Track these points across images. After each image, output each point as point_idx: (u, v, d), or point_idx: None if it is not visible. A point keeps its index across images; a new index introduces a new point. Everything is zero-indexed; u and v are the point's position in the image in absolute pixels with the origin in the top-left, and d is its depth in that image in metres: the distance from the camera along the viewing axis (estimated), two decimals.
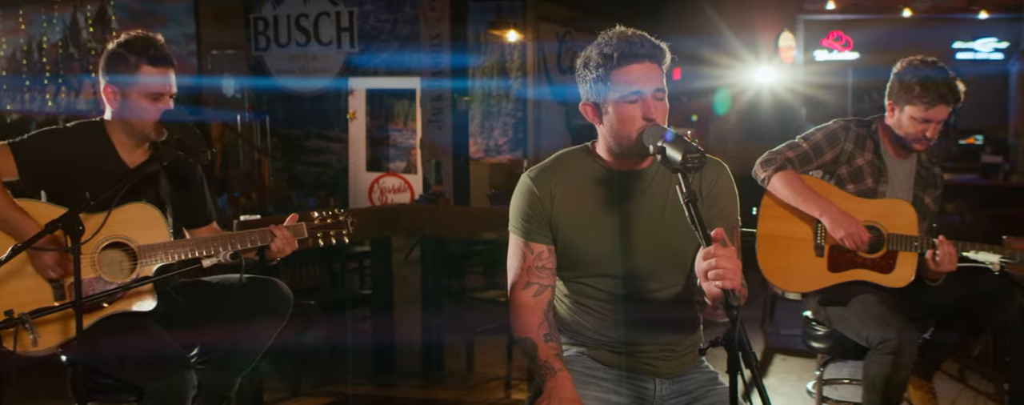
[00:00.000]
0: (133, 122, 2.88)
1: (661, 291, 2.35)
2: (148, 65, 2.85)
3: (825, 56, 11.42)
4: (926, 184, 3.50)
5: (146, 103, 2.85)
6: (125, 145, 2.94)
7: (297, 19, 11.07)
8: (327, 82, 10.86)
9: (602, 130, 2.33)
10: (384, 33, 10.80)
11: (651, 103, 2.21)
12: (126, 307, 2.78)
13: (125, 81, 2.84)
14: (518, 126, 10.73)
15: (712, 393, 2.34)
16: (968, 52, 10.94)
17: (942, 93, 3.31)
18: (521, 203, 2.37)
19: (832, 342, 3.44)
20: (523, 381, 5.21)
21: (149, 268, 2.80)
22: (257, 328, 2.93)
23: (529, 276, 2.35)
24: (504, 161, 10.68)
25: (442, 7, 8.65)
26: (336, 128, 10.87)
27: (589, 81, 2.28)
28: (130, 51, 2.85)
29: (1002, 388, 4.15)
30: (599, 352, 2.38)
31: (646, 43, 2.23)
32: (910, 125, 3.35)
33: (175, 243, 2.86)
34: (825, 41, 11.43)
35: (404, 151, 10.78)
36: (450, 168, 8.60)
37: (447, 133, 8.60)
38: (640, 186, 2.34)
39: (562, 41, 11.16)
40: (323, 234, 3.05)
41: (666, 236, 2.32)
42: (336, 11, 10.90)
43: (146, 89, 2.85)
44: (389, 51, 10.79)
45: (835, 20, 11.30)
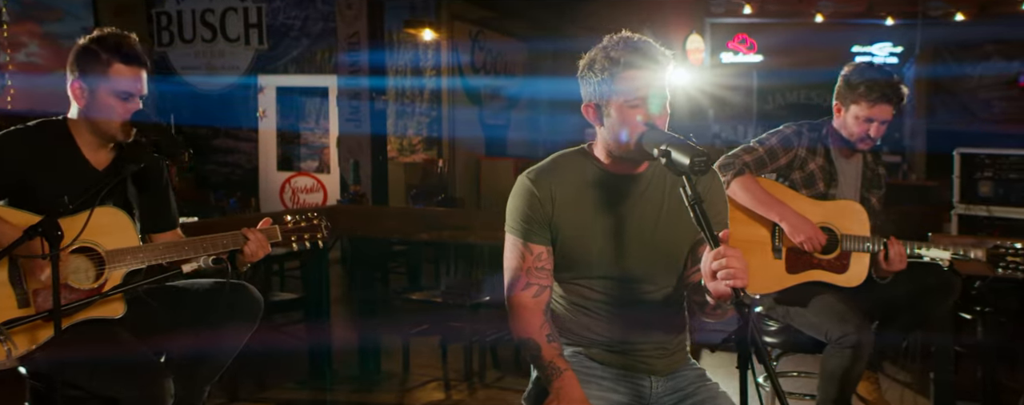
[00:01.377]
0: (100, 121, 2.75)
1: (655, 292, 2.39)
2: (120, 63, 2.73)
3: (731, 58, 11.73)
4: (871, 184, 3.62)
5: (115, 102, 2.73)
6: (90, 145, 2.80)
7: (202, 14, 10.77)
8: (235, 79, 10.61)
9: (602, 132, 2.34)
10: (295, 30, 10.60)
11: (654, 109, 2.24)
12: (94, 314, 2.66)
13: (95, 79, 2.72)
14: (433, 125, 10.69)
15: (703, 389, 2.39)
16: (866, 56, 11.40)
17: (885, 92, 3.41)
18: (520, 204, 2.36)
19: (785, 337, 3.53)
20: (461, 381, 5.20)
21: (117, 273, 2.68)
22: (228, 334, 2.83)
23: (529, 277, 2.35)
24: (419, 160, 10.62)
25: (359, 5, 8.54)
26: (245, 127, 10.63)
27: (593, 83, 2.30)
28: (102, 48, 2.73)
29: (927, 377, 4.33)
30: (596, 351, 2.39)
31: (651, 49, 2.25)
32: (854, 124, 3.46)
33: (144, 248, 2.74)
34: (731, 43, 11.74)
35: (316, 150, 10.61)
36: (369, 168, 8.48)
37: (365, 132, 8.48)
38: (637, 189, 2.36)
39: (476, 40, 11.16)
40: (297, 238, 2.97)
41: (661, 239, 2.36)
42: (244, 7, 10.65)
43: (116, 88, 2.73)
44: (300, 48, 10.61)
45: (740, 23, 11.60)
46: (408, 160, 10.55)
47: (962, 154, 5.01)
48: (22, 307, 2.58)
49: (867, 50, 11.39)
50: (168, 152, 2.58)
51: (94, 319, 2.65)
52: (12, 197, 2.68)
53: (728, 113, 11.81)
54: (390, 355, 5.41)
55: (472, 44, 11.12)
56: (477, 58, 11.22)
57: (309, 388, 5.02)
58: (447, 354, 5.72)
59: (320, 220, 3.01)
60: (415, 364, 5.41)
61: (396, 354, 5.37)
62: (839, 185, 3.54)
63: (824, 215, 3.44)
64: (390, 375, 5.28)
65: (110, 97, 2.72)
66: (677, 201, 2.37)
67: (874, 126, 3.43)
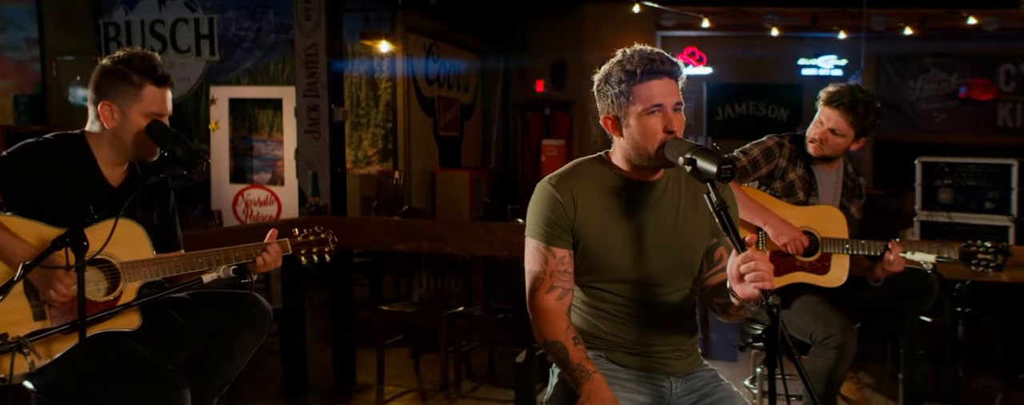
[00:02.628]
0: (130, 142, 2.73)
1: (672, 295, 2.45)
2: (152, 85, 2.72)
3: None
4: (851, 194, 3.74)
5: (145, 123, 2.70)
6: (108, 162, 2.77)
7: (152, 25, 10.63)
8: (186, 91, 10.49)
9: (621, 142, 2.40)
10: (247, 41, 10.52)
11: (671, 116, 2.31)
12: (109, 327, 2.62)
13: (126, 101, 2.69)
14: (388, 137, 10.67)
15: (718, 389, 2.46)
16: (812, 68, 11.68)
17: (838, 98, 3.52)
18: (543, 208, 2.41)
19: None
20: (437, 392, 5.20)
21: (132, 286, 2.65)
22: (238, 346, 2.82)
23: (552, 280, 2.39)
24: (374, 172, 10.58)
25: (318, 17, 8.49)
26: (197, 138, 10.49)
27: (610, 96, 2.36)
28: (133, 70, 2.70)
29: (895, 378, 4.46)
30: (617, 354, 2.44)
31: (665, 60, 2.34)
32: (812, 126, 3.59)
33: (159, 260, 2.71)
34: (681, 57, 11.93)
35: (269, 162, 10.52)
36: (327, 180, 8.43)
37: (325, 144, 8.43)
38: (653, 196, 2.43)
39: (430, 52, 11.18)
40: (306, 252, 2.97)
41: (677, 245, 2.43)
42: (195, 18, 10.54)
43: (148, 109, 2.71)
44: (253, 59, 10.53)
45: (690, 37, 11.81)
46: (363, 172, 10.51)
47: (923, 163, 5.18)
48: (38, 319, 2.53)
49: (813, 63, 11.67)
50: (186, 161, 2.55)
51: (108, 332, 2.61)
52: (25, 209, 2.63)
53: None
54: (363, 367, 5.40)
55: (427, 56, 11.14)
56: (431, 70, 11.24)
57: (284, 401, 4.99)
58: (420, 365, 5.73)
59: (327, 233, 3.01)
60: (389, 375, 5.40)
61: (370, 365, 5.36)
62: (819, 195, 3.64)
63: (805, 219, 3.54)
64: (365, 387, 5.27)
65: (141, 118, 2.70)
66: (692, 207, 2.46)
67: (822, 130, 3.53)
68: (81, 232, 2.20)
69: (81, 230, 2.21)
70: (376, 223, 5.54)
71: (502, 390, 5.30)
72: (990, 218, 5.01)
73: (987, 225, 5.02)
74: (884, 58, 11.36)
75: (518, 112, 12.60)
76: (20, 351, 2.15)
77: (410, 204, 10.49)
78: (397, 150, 10.67)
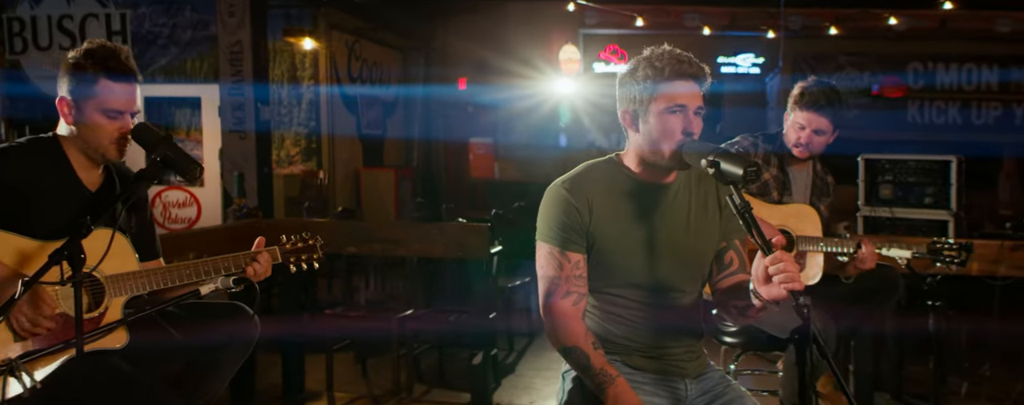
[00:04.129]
0: (89, 139, 2.56)
1: (684, 298, 2.45)
2: (107, 78, 2.54)
3: (603, 68, 11.99)
4: (821, 193, 3.79)
5: (102, 120, 2.54)
6: (82, 164, 2.60)
7: (60, 20, 10.15)
8: None
9: (636, 139, 2.39)
10: (162, 38, 10.15)
11: (692, 118, 2.31)
12: (96, 345, 2.45)
13: (82, 95, 2.52)
14: (311, 136, 10.44)
15: (729, 390, 2.47)
16: (731, 66, 11.90)
17: (817, 100, 3.57)
18: (557, 213, 2.37)
19: (746, 337, 3.66)
20: (389, 397, 5.11)
21: (118, 300, 2.49)
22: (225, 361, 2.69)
23: (568, 285, 2.36)
24: (297, 172, 10.35)
25: (242, 14, 8.26)
26: None
27: (634, 89, 2.35)
28: (87, 64, 2.54)
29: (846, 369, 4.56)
30: (633, 358, 2.42)
31: (694, 64, 2.34)
32: (792, 130, 3.63)
33: (145, 273, 2.56)
34: (603, 54, 12.01)
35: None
36: (254, 181, 8.21)
37: (251, 144, 8.20)
38: (666, 198, 2.42)
39: (352, 50, 10.99)
40: (296, 259, 2.85)
41: (689, 248, 2.43)
42: (106, 13, 10.11)
43: (103, 105, 2.54)
44: (169, 57, 10.17)
45: (611, 34, 11.88)
46: (286, 172, 10.27)
47: (866, 160, 5.31)
48: (18, 340, 2.36)
49: (732, 61, 11.89)
50: (180, 168, 2.41)
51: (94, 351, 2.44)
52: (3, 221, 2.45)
53: (602, 123, 12.07)
54: (309, 373, 5.26)
55: (349, 54, 10.95)
56: (354, 67, 11.05)
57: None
58: (367, 370, 5.62)
59: (315, 240, 2.90)
60: (337, 381, 5.28)
61: (316, 372, 5.23)
62: (792, 194, 3.68)
63: (781, 218, 3.58)
64: (314, 394, 5.13)
65: (97, 114, 2.54)
66: (701, 210, 2.46)
67: (806, 133, 3.58)
68: (78, 244, 2.05)
69: (78, 242, 2.05)
70: (328, 226, 5.39)
71: (455, 393, 5.24)
72: (930, 213, 5.17)
73: (927, 219, 5.17)
74: (800, 57, 11.64)
75: (441, 110, 12.49)
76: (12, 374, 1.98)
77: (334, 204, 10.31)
78: (321, 149, 10.46)
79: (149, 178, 2.42)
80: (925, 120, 11.58)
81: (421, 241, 4.85)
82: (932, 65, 11.59)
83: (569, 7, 9.94)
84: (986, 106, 11.48)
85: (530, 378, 5.58)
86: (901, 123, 11.34)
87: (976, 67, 11.51)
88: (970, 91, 11.53)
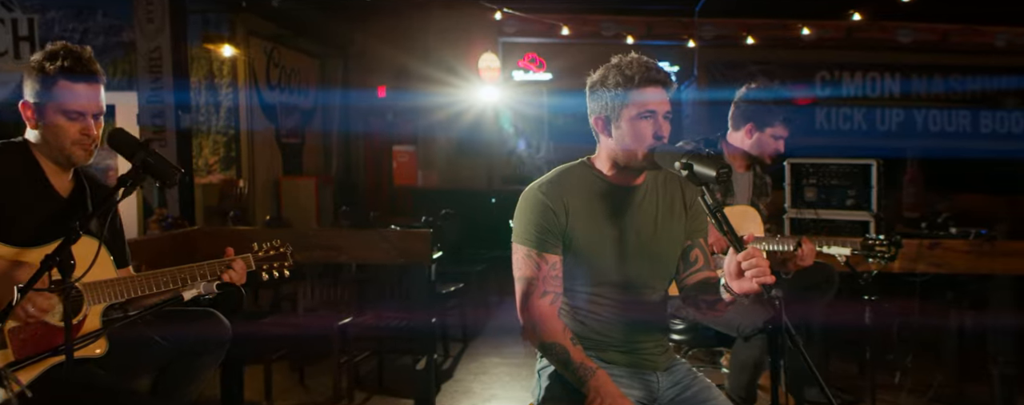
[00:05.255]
0: (52, 142, 2.51)
1: (653, 294, 2.57)
2: (65, 79, 2.50)
3: (522, 76, 12.10)
4: (760, 193, 3.95)
5: (63, 122, 2.49)
6: (53, 171, 2.55)
7: None
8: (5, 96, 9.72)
9: (609, 143, 2.48)
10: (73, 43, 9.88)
11: (661, 122, 2.41)
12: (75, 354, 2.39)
13: (42, 98, 2.47)
14: (230, 144, 10.28)
15: (696, 381, 2.58)
16: None
17: (790, 112, 3.76)
18: (534, 216, 2.45)
19: (693, 334, 3.79)
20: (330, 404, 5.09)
21: (96, 309, 2.44)
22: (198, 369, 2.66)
23: (545, 285, 2.45)
24: (215, 181, 10.16)
25: (161, 19, 8.11)
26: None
27: (605, 97, 2.45)
28: (49, 65, 2.49)
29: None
30: (607, 353, 2.51)
31: (661, 71, 2.46)
32: (772, 142, 3.77)
33: (122, 281, 2.51)
34: (522, 62, 12.12)
35: (101, 172, 9.88)
36: (175, 190, 8.04)
37: (171, 152, 8.03)
38: (635, 200, 2.52)
39: (270, 57, 10.86)
40: (268, 267, 2.84)
41: (659, 245, 2.55)
42: (12, 17, 9.80)
43: (64, 107, 2.50)
44: None
45: (530, 43, 12.01)
46: (205, 181, 10.07)
47: (792, 164, 5.52)
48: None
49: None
50: (160, 174, 2.38)
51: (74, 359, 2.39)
52: None
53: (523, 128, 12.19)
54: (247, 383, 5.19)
55: (267, 60, 10.82)
56: (272, 74, 10.92)
57: None
58: (305, 378, 5.58)
59: (286, 248, 2.89)
60: (275, 390, 5.24)
61: (253, 381, 5.16)
62: (735, 195, 3.83)
63: None
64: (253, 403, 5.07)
65: (58, 116, 2.50)
66: (668, 210, 2.57)
67: (781, 142, 3.76)
68: (69, 250, 2.02)
69: (68, 248, 2.02)
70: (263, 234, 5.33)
71: (396, 399, 5.25)
72: (852, 214, 5.40)
73: (850, 221, 5.40)
74: (713, 65, 11.97)
75: (360, 117, 12.43)
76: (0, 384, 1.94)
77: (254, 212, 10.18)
78: (240, 158, 10.30)
79: (132, 184, 2.38)
80: (832, 125, 12.04)
81: (363, 247, 4.86)
82: (838, 73, 12.07)
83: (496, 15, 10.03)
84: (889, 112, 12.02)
85: (468, 383, 5.62)
86: (810, 128, 11.76)
87: (879, 75, 12.04)
88: (874, 98, 12.05)
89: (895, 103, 12.04)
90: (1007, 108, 11.97)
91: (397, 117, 12.14)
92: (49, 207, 2.50)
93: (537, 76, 12.15)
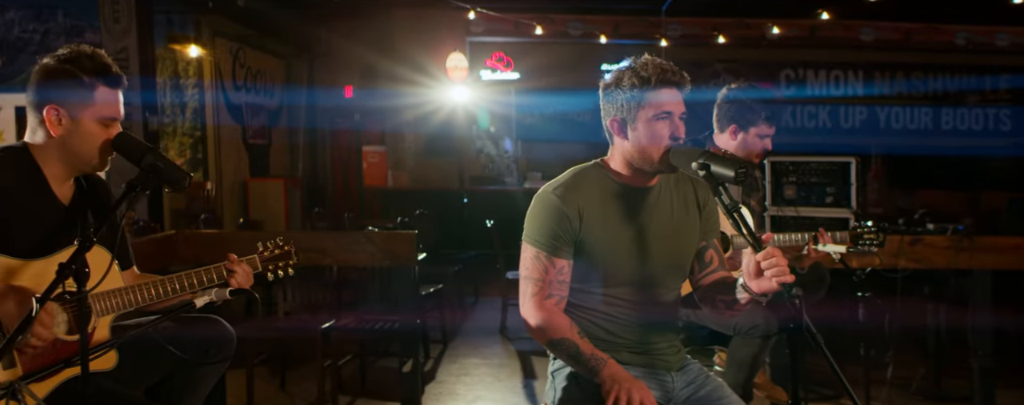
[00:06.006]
0: (78, 149, 2.43)
1: (667, 295, 2.57)
2: (105, 86, 2.43)
3: (490, 76, 12.08)
4: (751, 189, 3.97)
5: (97, 129, 2.42)
6: (57, 177, 2.47)
7: None
8: None
9: (625, 145, 2.47)
10: (33, 44, 9.67)
11: (678, 123, 2.40)
12: None
13: (77, 105, 2.39)
14: (197, 146, 10.14)
15: (710, 380, 2.58)
16: None
17: (776, 110, 3.78)
18: (548, 220, 2.44)
19: (687, 333, 3.79)
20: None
21: (105, 320, 2.38)
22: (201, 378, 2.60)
23: (550, 288, 2.46)
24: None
25: (128, 19, 7.96)
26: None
27: (620, 99, 2.44)
28: (81, 70, 2.41)
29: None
30: (621, 355, 2.50)
31: (677, 72, 2.46)
32: (758, 142, 3.78)
33: (130, 290, 2.45)
34: (489, 61, 12.10)
35: None
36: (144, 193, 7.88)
37: None
38: (649, 201, 2.52)
39: (236, 57, 10.72)
40: (273, 268, 2.79)
41: (673, 247, 2.55)
42: None
43: (101, 114, 2.43)
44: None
45: (497, 42, 11.99)
46: None
47: (771, 162, 5.56)
48: (8, 368, 2.22)
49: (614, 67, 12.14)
50: (168, 178, 2.32)
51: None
52: None
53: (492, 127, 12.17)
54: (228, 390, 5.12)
55: (233, 61, 10.69)
56: (238, 75, 10.79)
57: None
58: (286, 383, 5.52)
59: (291, 247, 2.84)
60: (258, 397, 5.17)
61: (234, 387, 5.10)
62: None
63: None
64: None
65: (94, 124, 2.43)
66: (682, 210, 2.57)
67: (768, 140, 3.77)
68: (83, 259, 1.96)
69: (83, 257, 1.96)
70: (247, 238, 5.26)
71: (380, 402, 5.22)
72: (832, 211, 5.45)
73: (829, 217, 5.45)
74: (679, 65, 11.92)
75: (327, 118, 12.33)
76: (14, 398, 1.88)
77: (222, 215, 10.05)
78: (207, 159, 10.17)
79: (141, 189, 2.32)
80: (797, 123, 12.18)
81: (348, 250, 4.80)
82: (803, 72, 12.21)
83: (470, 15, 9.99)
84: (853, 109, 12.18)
85: (452, 385, 5.60)
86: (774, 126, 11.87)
87: (843, 73, 12.19)
88: (838, 96, 12.20)
89: (858, 101, 12.21)
90: (967, 105, 12.20)
91: (365, 117, 12.05)
92: (51, 216, 2.43)
93: (505, 75, 12.13)
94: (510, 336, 7.00)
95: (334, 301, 5.54)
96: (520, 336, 7.00)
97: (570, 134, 12.23)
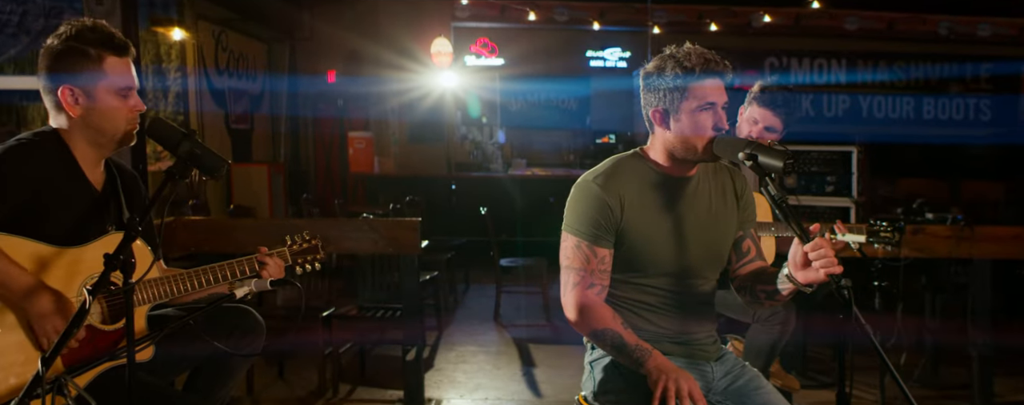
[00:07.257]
0: (103, 126, 2.37)
1: (705, 285, 2.55)
2: (113, 55, 2.38)
3: (474, 62, 12.01)
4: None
5: (117, 102, 2.36)
6: (88, 161, 2.41)
7: None
8: None
9: (666, 136, 2.44)
10: (11, 26, 9.47)
11: (721, 114, 2.38)
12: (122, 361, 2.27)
13: (90, 79, 2.33)
14: None
15: (746, 370, 2.58)
16: (599, 60, 12.15)
17: (774, 99, 3.74)
18: (589, 209, 2.41)
19: None
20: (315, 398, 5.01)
21: (141, 311, 2.32)
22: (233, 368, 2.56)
23: (593, 277, 2.43)
24: (164, 168, 9.88)
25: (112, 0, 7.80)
26: None
27: (662, 89, 2.40)
28: (87, 43, 2.35)
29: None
30: (662, 345, 2.47)
31: (720, 61, 2.42)
32: (744, 124, 3.78)
33: (165, 280, 2.39)
34: (474, 47, 12.03)
35: None
36: None
37: None
38: (689, 191, 2.50)
39: (219, 41, 10.58)
40: (302, 261, 2.73)
41: (711, 237, 2.53)
42: None
43: (116, 84, 2.37)
44: (18, 47, 9.49)
45: (482, 28, 11.92)
46: (155, 168, 9.77)
47: None
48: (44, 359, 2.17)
49: (600, 55, 12.14)
50: (206, 165, 2.26)
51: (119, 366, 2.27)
52: (14, 223, 2.24)
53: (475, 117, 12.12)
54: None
55: (215, 45, 10.54)
56: (221, 59, 10.65)
57: None
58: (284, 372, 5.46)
59: (317, 240, 2.79)
60: (257, 385, 5.13)
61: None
62: None
63: None
64: (235, 401, 4.95)
65: (111, 96, 2.37)
66: (721, 200, 2.55)
67: (758, 128, 3.74)
68: (130, 249, 1.91)
69: (129, 246, 1.91)
70: (247, 225, 5.19)
71: (381, 390, 5.18)
72: (833, 200, 5.48)
73: (830, 206, 5.48)
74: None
75: (309, 103, 12.21)
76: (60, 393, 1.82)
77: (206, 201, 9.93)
78: None
79: (180, 177, 2.26)
80: None
81: (351, 238, 4.75)
82: (787, 60, 12.25)
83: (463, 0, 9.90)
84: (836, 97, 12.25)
85: (450, 372, 5.57)
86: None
87: (826, 62, 12.25)
88: (821, 84, 12.26)
89: (842, 89, 12.28)
90: (949, 94, 12.30)
91: (348, 103, 11.95)
92: (84, 202, 2.38)
93: (489, 61, 12.07)
94: (504, 323, 6.98)
95: (335, 290, 5.50)
96: (514, 323, 7.00)
97: (555, 121, 12.22)
